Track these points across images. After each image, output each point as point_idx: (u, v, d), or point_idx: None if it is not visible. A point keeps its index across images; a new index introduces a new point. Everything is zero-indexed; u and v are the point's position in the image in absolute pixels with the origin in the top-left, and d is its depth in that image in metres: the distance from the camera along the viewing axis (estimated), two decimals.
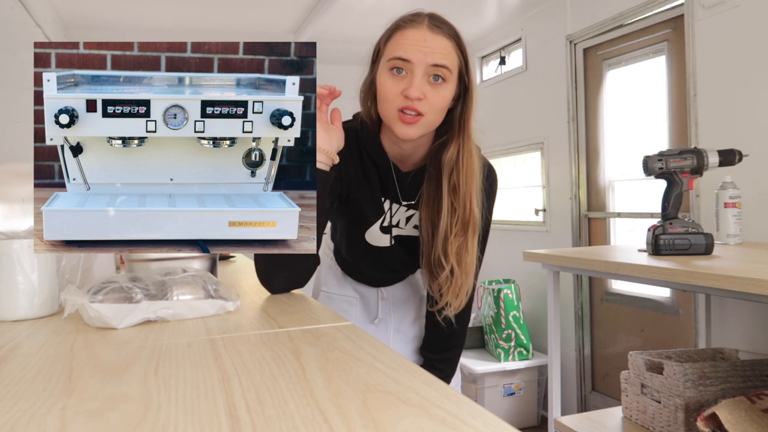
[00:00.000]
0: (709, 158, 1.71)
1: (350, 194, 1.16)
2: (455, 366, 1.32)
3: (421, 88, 1.01)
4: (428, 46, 1.01)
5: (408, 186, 1.16)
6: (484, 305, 3.41)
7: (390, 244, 1.20)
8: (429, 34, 1.02)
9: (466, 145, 1.08)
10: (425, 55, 1.01)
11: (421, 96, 1.01)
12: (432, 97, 1.03)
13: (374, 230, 1.19)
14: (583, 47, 2.97)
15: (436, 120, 1.07)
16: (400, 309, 1.34)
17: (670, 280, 1.48)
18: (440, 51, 1.02)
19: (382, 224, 1.19)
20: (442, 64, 1.02)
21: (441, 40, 1.02)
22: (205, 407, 0.50)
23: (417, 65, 1.01)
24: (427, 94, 1.02)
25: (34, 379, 0.59)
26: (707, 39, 2.24)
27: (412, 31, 1.03)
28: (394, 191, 1.16)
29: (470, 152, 1.08)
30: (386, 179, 1.16)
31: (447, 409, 0.48)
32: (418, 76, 1.01)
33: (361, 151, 1.15)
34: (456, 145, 1.08)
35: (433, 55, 1.01)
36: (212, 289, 0.93)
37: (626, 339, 2.82)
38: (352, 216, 1.20)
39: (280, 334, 0.76)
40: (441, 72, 1.02)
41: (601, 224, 2.97)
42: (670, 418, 1.76)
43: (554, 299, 2.01)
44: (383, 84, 1.04)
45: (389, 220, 1.18)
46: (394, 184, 1.16)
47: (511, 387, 3.21)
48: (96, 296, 0.84)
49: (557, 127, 3.15)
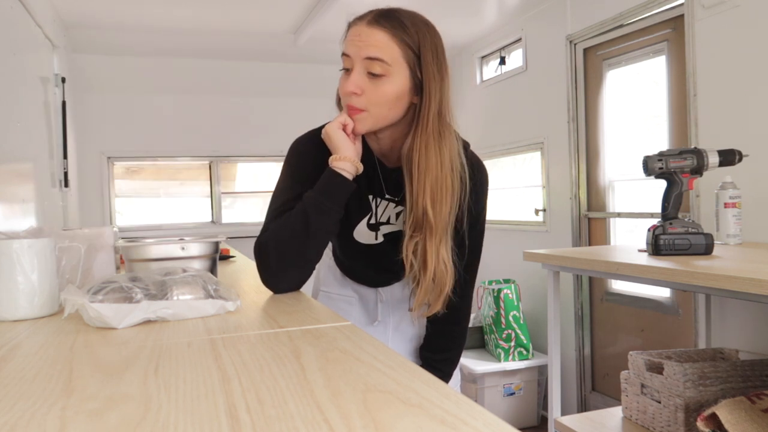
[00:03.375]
0: (709, 158, 1.71)
1: None
2: (454, 365, 1.32)
3: (356, 82, 1.02)
4: (362, 39, 1.02)
5: (395, 181, 1.16)
6: (484, 305, 3.41)
7: (377, 241, 1.20)
8: (365, 29, 1.02)
9: (420, 139, 1.05)
10: (359, 49, 1.02)
11: (357, 90, 1.02)
12: (370, 92, 1.03)
13: (361, 228, 1.20)
14: (583, 47, 2.97)
15: (385, 114, 1.05)
16: (399, 309, 1.34)
17: (670, 280, 1.48)
18: (375, 44, 1.01)
19: (369, 221, 1.19)
20: (376, 56, 1.01)
21: (377, 33, 1.02)
22: (205, 407, 0.50)
23: (354, 59, 1.03)
24: (365, 88, 1.03)
25: (34, 379, 0.59)
26: (707, 39, 2.24)
27: (354, 27, 1.05)
28: (379, 187, 1.17)
29: (425, 147, 1.04)
30: (372, 175, 1.16)
31: (447, 409, 0.48)
32: (355, 71, 1.02)
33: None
34: (411, 139, 1.07)
35: (367, 48, 1.01)
36: (212, 289, 0.93)
37: (626, 339, 2.82)
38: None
39: (280, 334, 0.76)
40: (375, 65, 1.01)
41: (601, 224, 2.97)
42: (670, 418, 1.76)
43: (554, 299, 2.01)
44: (340, 83, 1.08)
45: (376, 216, 1.19)
46: (380, 179, 1.16)
47: (511, 387, 3.21)
48: (96, 296, 0.84)
49: (557, 127, 3.15)
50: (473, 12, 3.35)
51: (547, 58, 3.22)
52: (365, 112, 1.04)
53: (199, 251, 1.17)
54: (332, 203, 1.05)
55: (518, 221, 3.65)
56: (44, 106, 2.66)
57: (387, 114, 1.06)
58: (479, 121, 3.92)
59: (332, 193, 1.05)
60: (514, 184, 3.75)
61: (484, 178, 1.19)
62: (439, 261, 1.08)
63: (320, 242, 1.08)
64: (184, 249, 1.15)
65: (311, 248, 1.07)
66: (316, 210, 1.04)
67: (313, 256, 1.08)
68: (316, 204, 1.04)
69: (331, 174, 1.06)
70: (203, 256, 1.17)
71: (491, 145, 3.76)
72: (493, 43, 3.76)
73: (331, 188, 1.06)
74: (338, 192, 1.06)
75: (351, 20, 1.08)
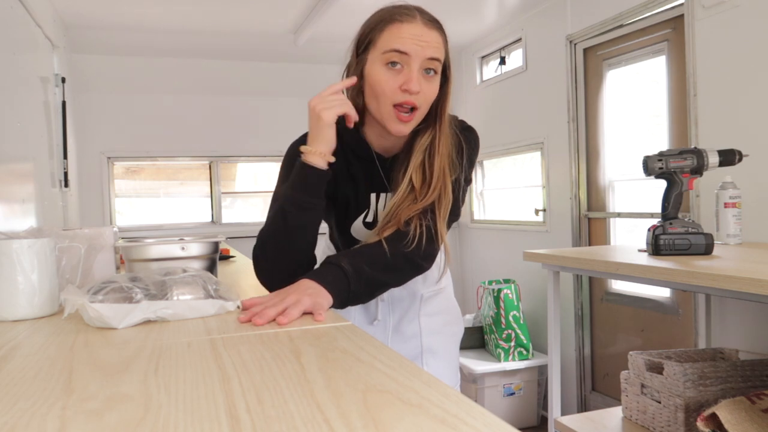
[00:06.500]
0: (709, 158, 1.71)
1: (337, 191, 1.17)
2: (368, 273, 1.02)
3: (420, 82, 1.03)
4: (425, 40, 1.03)
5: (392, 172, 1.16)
6: (484, 305, 3.41)
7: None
8: (425, 29, 1.04)
9: (441, 131, 1.11)
10: (423, 49, 1.03)
11: (420, 90, 1.03)
12: (426, 90, 1.06)
13: (357, 225, 1.20)
14: (583, 47, 2.97)
15: (426, 112, 1.09)
16: (398, 309, 1.34)
17: (670, 280, 1.48)
18: (435, 45, 1.05)
19: (365, 219, 1.19)
20: (437, 57, 1.05)
21: (435, 34, 1.05)
22: (205, 407, 0.50)
23: (414, 59, 1.03)
24: (422, 87, 1.04)
25: (34, 379, 0.59)
26: (707, 39, 2.24)
27: (408, 25, 1.04)
28: (380, 181, 1.17)
29: (445, 138, 1.11)
30: (372, 171, 1.16)
31: (447, 409, 0.48)
32: (415, 69, 1.03)
33: (344, 148, 1.15)
34: (431, 132, 1.11)
35: (430, 49, 1.04)
36: (212, 289, 0.93)
37: (626, 339, 2.82)
38: (338, 212, 1.21)
39: (280, 334, 0.76)
40: (434, 65, 1.05)
41: (601, 224, 2.97)
42: (670, 418, 1.76)
43: (554, 299, 2.01)
44: (378, 78, 1.05)
45: (374, 213, 1.18)
46: (380, 174, 1.16)
47: (511, 387, 3.21)
48: (96, 296, 0.84)
49: (557, 127, 3.15)
50: (473, 12, 3.35)
51: (547, 58, 3.22)
52: (417, 110, 1.06)
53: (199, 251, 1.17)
54: (309, 196, 1.04)
55: (518, 221, 3.65)
56: (44, 106, 2.66)
57: (426, 112, 1.09)
58: (479, 121, 3.93)
59: (307, 186, 1.04)
60: (514, 184, 3.75)
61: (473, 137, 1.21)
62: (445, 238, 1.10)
63: (303, 236, 1.06)
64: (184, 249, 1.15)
65: (294, 244, 1.05)
66: (293, 206, 1.04)
67: (300, 250, 1.07)
68: (293, 200, 1.04)
69: (302, 167, 1.04)
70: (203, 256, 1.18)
71: (491, 145, 3.76)
72: (493, 43, 3.76)
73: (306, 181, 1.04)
74: (314, 184, 1.04)
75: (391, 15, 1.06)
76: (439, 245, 1.09)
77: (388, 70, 1.04)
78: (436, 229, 1.07)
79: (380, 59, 1.04)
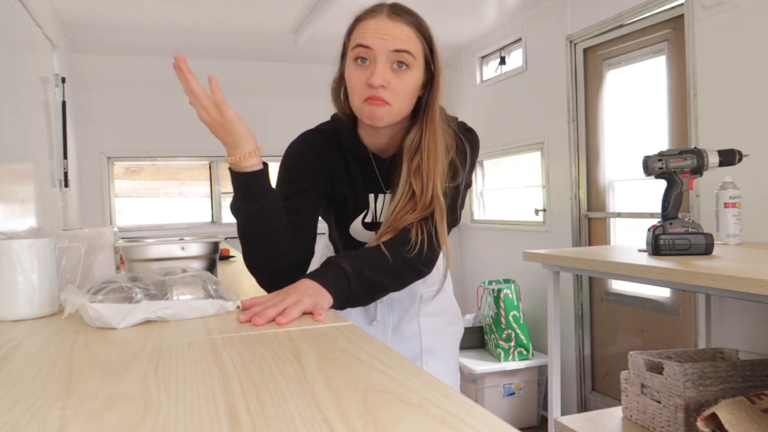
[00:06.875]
0: (709, 158, 1.71)
1: (335, 191, 1.17)
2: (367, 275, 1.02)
3: (383, 75, 1.02)
4: (388, 33, 1.02)
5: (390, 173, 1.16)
6: (484, 305, 3.41)
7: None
8: (389, 22, 1.03)
9: (429, 129, 1.08)
10: (386, 42, 1.02)
11: (384, 83, 1.02)
12: (396, 85, 1.04)
13: (356, 225, 1.20)
14: (583, 47, 2.97)
15: (405, 107, 1.07)
16: (398, 309, 1.34)
17: (670, 280, 1.48)
18: (401, 37, 1.03)
19: (363, 219, 1.19)
20: (404, 49, 1.03)
21: (401, 26, 1.04)
22: (205, 407, 0.50)
23: (379, 52, 1.02)
24: (390, 81, 1.03)
25: (34, 379, 0.59)
26: (707, 39, 2.24)
27: (372, 21, 1.04)
28: (377, 182, 1.17)
29: (434, 136, 1.08)
30: (369, 172, 1.16)
31: (447, 409, 0.48)
32: (380, 63, 1.02)
33: (342, 149, 1.15)
34: (419, 129, 1.09)
35: (394, 41, 1.02)
36: (212, 288, 0.93)
37: (626, 339, 2.82)
38: (337, 212, 1.21)
39: (280, 334, 0.76)
40: (404, 57, 1.03)
41: (601, 224, 2.97)
42: (670, 418, 1.76)
43: (554, 299, 2.01)
44: (349, 75, 1.06)
45: (375, 215, 1.18)
46: (377, 174, 1.16)
47: (511, 387, 3.21)
48: (96, 296, 0.84)
49: (557, 127, 3.15)
50: (473, 12, 3.34)
51: (547, 58, 3.22)
52: (389, 106, 1.04)
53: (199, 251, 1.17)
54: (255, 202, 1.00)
55: (518, 221, 3.65)
56: (44, 106, 2.66)
57: (406, 108, 1.08)
58: (479, 121, 3.92)
59: (249, 193, 1.00)
60: (514, 184, 3.75)
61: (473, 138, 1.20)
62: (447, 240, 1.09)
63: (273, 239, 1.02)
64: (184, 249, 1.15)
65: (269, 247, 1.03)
66: (244, 218, 1.02)
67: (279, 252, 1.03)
68: (242, 212, 1.02)
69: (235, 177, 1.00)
70: (203, 256, 1.18)
71: (491, 145, 3.76)
72: (493, 43, 3.76)
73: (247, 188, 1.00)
74: (254, 189, 1.00)
75: (359, 15, 1.07)
76: (439, 250, 1.09)
77: (357, 66, 1.05)
78: (437, 235, 1.07)
79: (351, 57, 1.05)
